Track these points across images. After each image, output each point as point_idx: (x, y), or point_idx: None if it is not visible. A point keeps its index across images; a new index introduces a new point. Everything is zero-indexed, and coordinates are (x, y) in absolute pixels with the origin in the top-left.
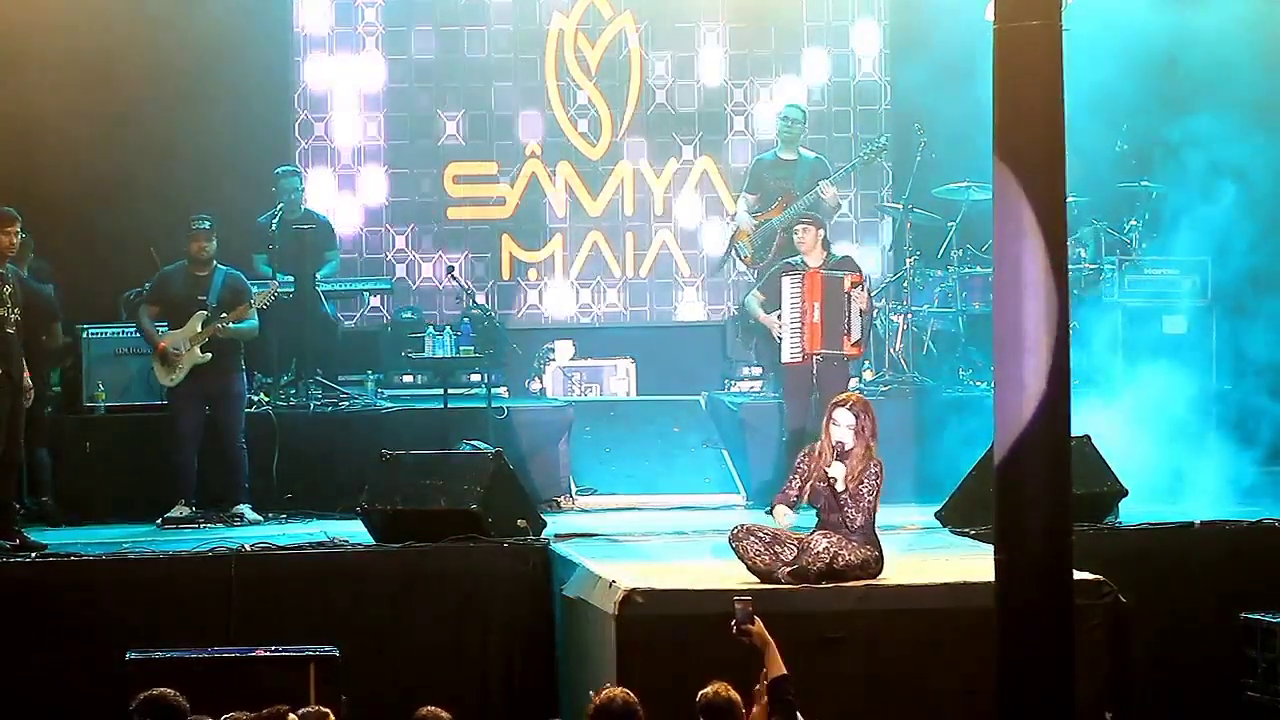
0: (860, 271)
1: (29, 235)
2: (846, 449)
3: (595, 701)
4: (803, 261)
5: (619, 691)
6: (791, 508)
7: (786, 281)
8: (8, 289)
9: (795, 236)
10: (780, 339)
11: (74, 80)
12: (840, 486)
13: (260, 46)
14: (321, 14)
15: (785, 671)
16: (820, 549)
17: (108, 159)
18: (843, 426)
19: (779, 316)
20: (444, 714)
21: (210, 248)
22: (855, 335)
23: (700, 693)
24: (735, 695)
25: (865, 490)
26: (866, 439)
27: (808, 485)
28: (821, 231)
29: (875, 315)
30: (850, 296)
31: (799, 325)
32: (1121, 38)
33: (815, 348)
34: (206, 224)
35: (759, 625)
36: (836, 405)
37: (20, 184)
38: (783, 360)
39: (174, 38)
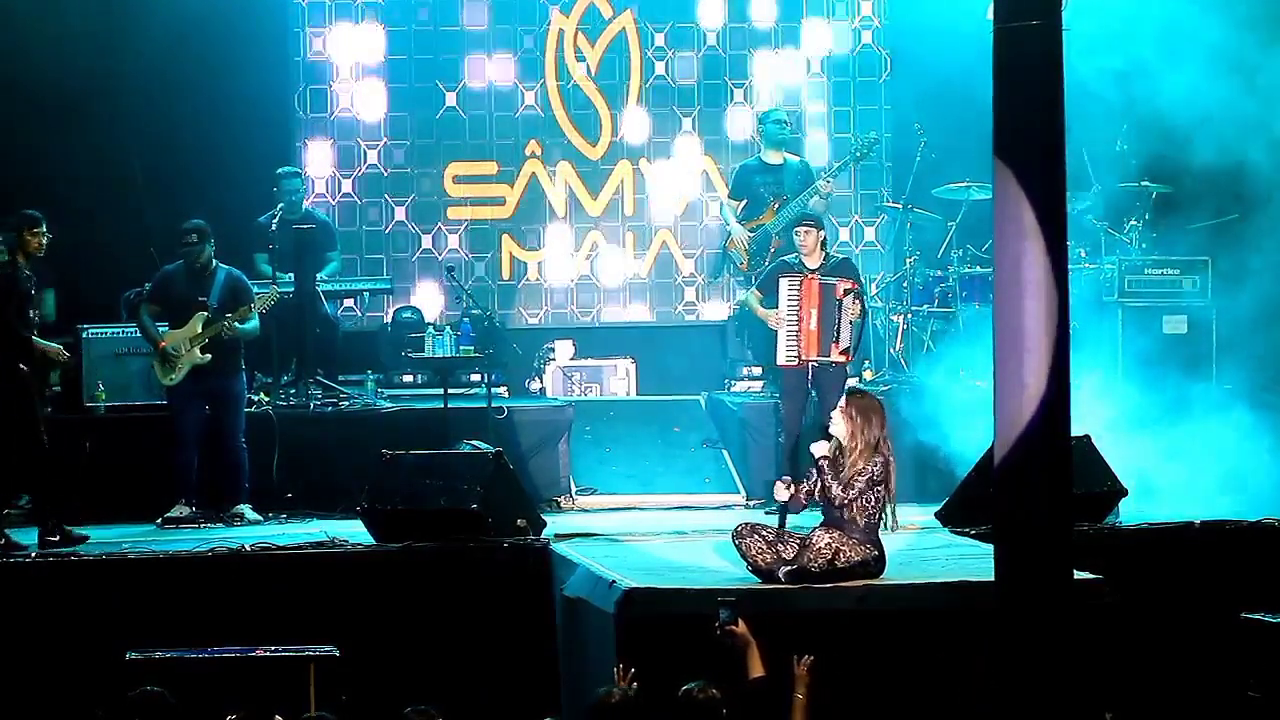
0: (857, 277)
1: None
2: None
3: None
4: (800, 262)
5: (618, 690)
6: (797, 496)
7: (784, 283)
8: (34, 292)
9: (797, 239)
10: (777, 337)
11: (74, 80)
12: (824, 453)
13: (262, 53)
14: (322, 15)
15: (764, 673)
16: (822, 545)
17: (108, 158)
18: (835, 412)
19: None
20: (433, 713)
21: (197, 252)
22: (844, 343)
23: (683, 689)
24: (717, 693)
25: (862, 485)
26: (861, 435)
27: (816, 486)
28: (823, 234)
29: (870, 319)
30: (842, 304)
31: (795, 330)
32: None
33: (810, 354)
34: (194, 235)
35: (742, 627)
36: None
37: (20, 184)
38: (778, 362)
39: (174, 38)
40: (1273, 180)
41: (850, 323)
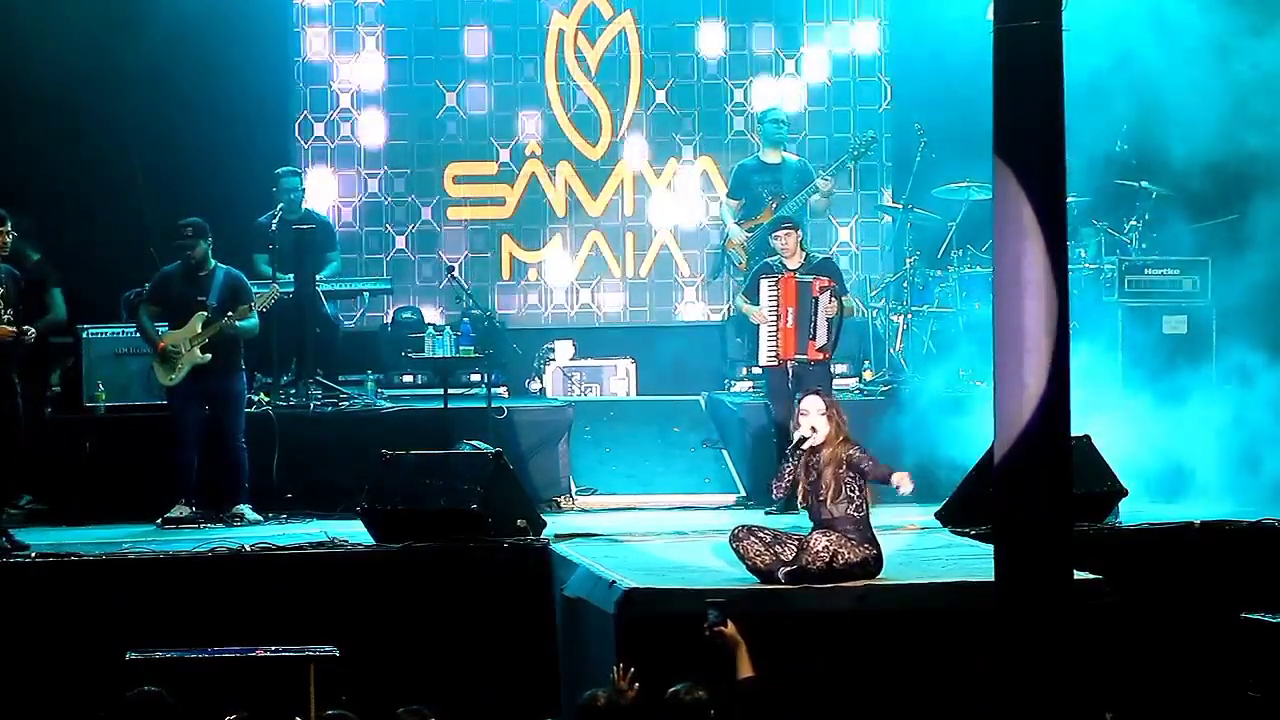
0: (836, 275)
1: (36, 240)
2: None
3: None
4: (781, 264)
5: (602, 693)
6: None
7: (764, 284)
8: (1, 289)
9: (776, 242)
10: (759, 338)
11: (74, 80)
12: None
13: (261, 50)
14: (322, 16)
15: (753, 673)
16: (820, 548)
17: (108, 158)
18: (812, 414)
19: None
20: (426, 713)
21: (191, 246)
22: (820, 340)
23: (670, 690)
24: (704, 694)
25: (851, 481)
26: (837, 434)
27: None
28: (800, 235)
29: (869, 318)
30: (818, 302)
31: (775, 329)
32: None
33: (788, 354)
34: (190, 230)
35: (731, 627)
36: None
37: (20, 184)
38: (760, 363)
39: (174, 38)
40: (1273, 179)
41: (827, 320)
